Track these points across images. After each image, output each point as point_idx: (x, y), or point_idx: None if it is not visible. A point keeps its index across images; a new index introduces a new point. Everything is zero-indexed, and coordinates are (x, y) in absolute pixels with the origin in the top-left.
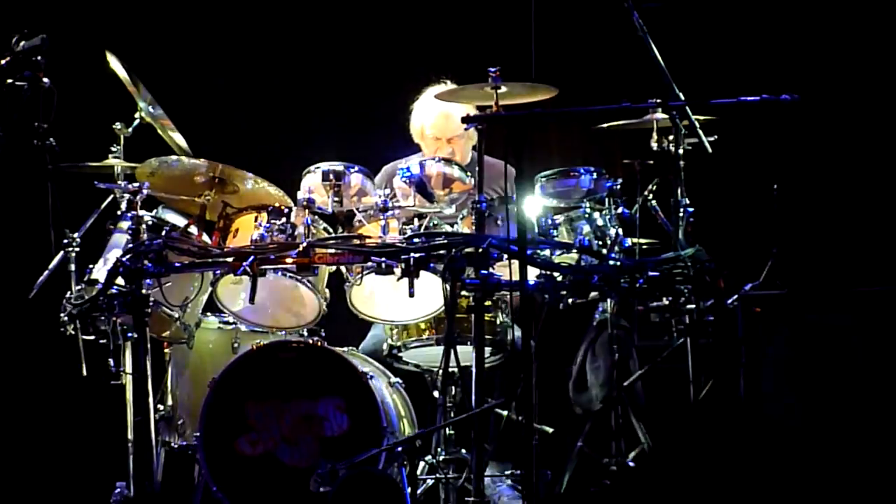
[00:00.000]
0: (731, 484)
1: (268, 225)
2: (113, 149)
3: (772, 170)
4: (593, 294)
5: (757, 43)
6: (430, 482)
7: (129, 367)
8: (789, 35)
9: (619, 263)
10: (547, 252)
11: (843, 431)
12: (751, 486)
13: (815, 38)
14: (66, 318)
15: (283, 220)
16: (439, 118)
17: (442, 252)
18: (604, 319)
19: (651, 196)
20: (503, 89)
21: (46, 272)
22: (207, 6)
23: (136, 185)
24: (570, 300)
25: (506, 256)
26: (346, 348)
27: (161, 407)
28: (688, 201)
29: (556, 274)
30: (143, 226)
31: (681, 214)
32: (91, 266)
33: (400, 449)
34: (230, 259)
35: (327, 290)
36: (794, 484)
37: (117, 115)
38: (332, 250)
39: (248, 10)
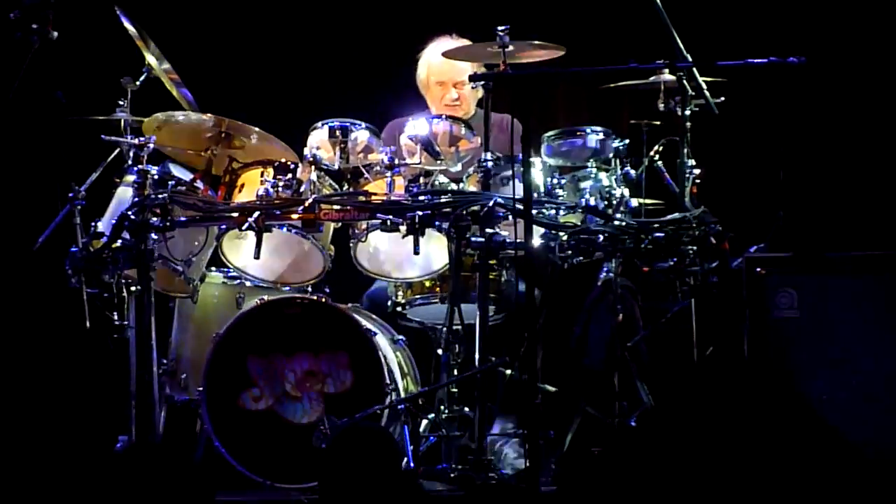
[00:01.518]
0: (734, 445)
1: (273, 180)
2: (120, 102)
3: (778, 132)
4: (598, 254)
5: (764, 4)
6: (432, 440)
7: (132, 321)
8: None
9: (624, 224)
10: (552, 211)
11: (847, 393)
12: (754, 446)
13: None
14: (70, 271)
15: (289, 175)
16: (444, 62)
17: (447, 210)
18: (608, 280)
19: (657, 157)
20: (511, 48)
21: (51, 225)
22: None
23: (143, 139)
24: (574, 260)
25: (511, 215)
26: (350, 305)
27: (164, 361)
28: (694, 163)
29: (561, 234)
30: (149, 180)
31: (687, 176)
32: (97, 219)
33: (403, 406)
34: (235, 214)
35: (332, 247)
36: (798, 445)
37: (125, 69)
38: (338, 207)
39: None
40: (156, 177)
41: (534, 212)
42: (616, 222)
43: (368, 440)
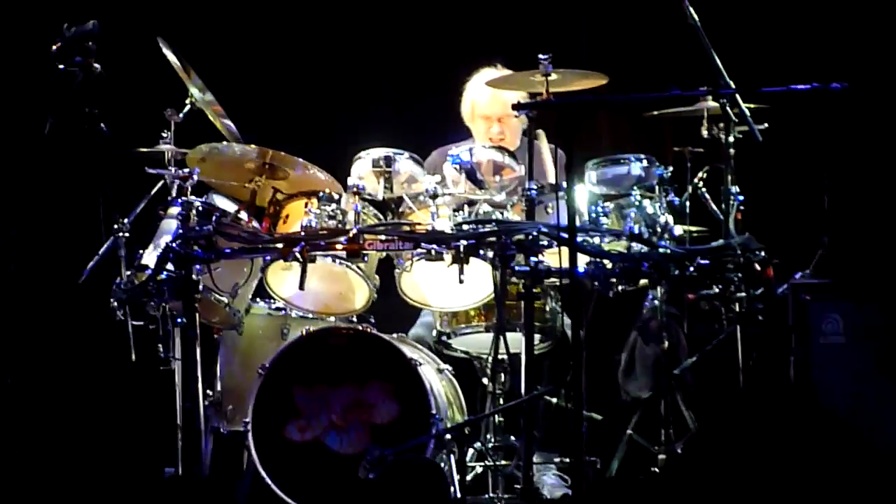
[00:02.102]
0: (780, 471)
1: (318, 211)
2: (164, 134)
3: (822, 158)
4: (643, 282)
5: (807, 31)
6: (478, 469)
7: (178, 353)
8: (839, 23)
9: (668, 251)
10: (597, 239)
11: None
12: (800, 473)
13: (865, 26)
14: (115, 304)
15: (333, 206)
16: (488, 97)
17: (492, 239)
18: (653, 307)
19: (701, 184)
20: (554, 76)
21: (96, 257)
22: None
23: (187, 170)
24: (619, 288)
25: (556, 244)
26: (395, 335)
27: (210, 393)
28: (738, 189)
29: (606, 261)
30: (194, 211)
31: (731, 202)
32: (141, 251)
33: (449, 436)
34: (280, 245)
35: (377, 277)
36: (844, 471)
37: (168, 101)
38: (382, 237)
39: None
40: (200, 208)
41: (578, 240)
42: (661, 250)
43: (418, 474)
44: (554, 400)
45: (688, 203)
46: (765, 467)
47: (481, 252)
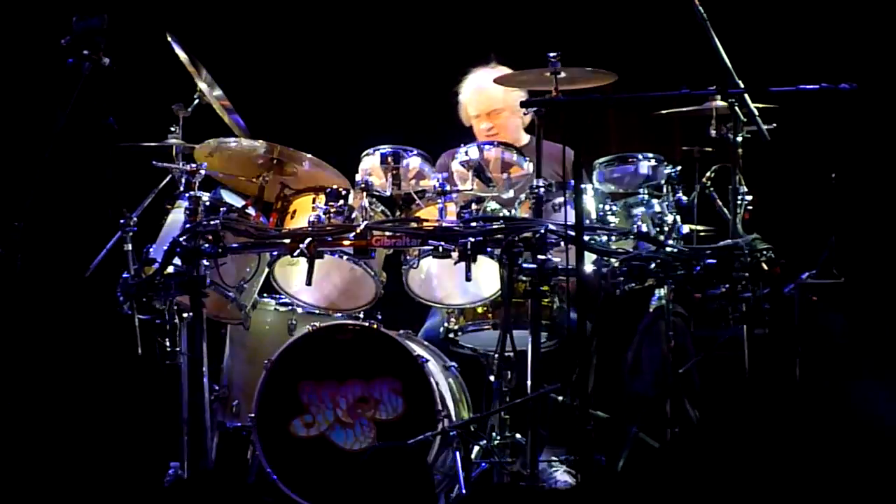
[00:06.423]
0: (785, 469)
1: (325, 207)
2: (172, 129)
3: (830, 158)
4: (650, 281)
5: (816, 31)
6: (484, 466)
7: (184, 348)
8: (848, 23)
9: (676, 250)
10: (604, 238)
11: None
12: (808, 470)
13: (874, 26)
14: (122, 298)
15: (341, 202)
16: (473, 94)
17: (499, 236)
18: (660, 306)
19: (709, 183)
20: (562, 74)
21: (103, 251)
22: None
23: (195, 165)
24: (626, 286)
25: (563, 242)
26: (401, 331)
27: (216, 387)
28: (746, 189)
29: (613, 260)
30: (201, 206)
31: (739, 202)
32: (148, 246)
33: (455, 433)
34: (287, 240)
35: (384, 273)
36: (852, 472)
37: (176, 96)
38: (390, 233)
39: None
40: (207, 203)
41: (586, 238)
42: (668, 249)
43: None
44: (560, 398)
45: (695, 202)
46: (770, 465)
47: (489, 249)
